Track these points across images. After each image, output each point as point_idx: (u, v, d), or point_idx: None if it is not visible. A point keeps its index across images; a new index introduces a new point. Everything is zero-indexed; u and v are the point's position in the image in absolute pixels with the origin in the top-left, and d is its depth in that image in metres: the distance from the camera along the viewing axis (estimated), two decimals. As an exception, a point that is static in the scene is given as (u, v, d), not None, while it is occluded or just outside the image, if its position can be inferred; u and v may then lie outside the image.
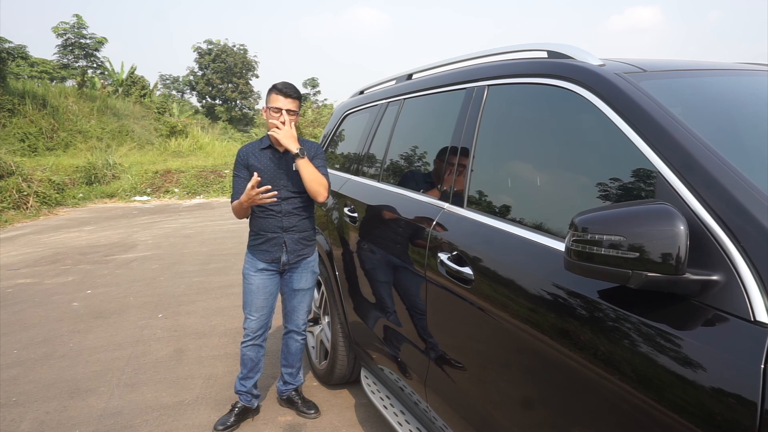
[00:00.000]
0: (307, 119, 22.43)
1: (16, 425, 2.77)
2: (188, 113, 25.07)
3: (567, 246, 1.13)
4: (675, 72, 1.61)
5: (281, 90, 2.51)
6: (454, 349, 1.79)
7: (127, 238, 7.99)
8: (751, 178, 1.08)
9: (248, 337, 2.67)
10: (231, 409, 2.75)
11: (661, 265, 0.99)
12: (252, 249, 2.64)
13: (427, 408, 1.97)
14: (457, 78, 2.17)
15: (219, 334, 4.02)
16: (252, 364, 2.72)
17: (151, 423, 2.77)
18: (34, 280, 5.63)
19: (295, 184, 2.57)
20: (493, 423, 1.57)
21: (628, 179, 1.31)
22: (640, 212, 1.04)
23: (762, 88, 1.67)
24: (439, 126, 2.28)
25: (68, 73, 23.53)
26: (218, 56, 32.30)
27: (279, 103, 2.50)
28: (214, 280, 5.52)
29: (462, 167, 1.91)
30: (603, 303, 1.18)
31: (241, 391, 2.74)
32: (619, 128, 1.34)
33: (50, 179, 11.58)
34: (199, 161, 15.22)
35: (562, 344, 1.26)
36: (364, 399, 2.98)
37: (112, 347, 3.79)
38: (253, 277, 2.62)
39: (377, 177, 2.69)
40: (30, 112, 16.01)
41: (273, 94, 2.52)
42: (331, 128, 3.67)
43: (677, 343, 1.01)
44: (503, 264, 1.55)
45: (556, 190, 1.59)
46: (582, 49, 1.64)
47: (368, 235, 2.56)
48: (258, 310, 2.64)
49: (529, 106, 1.77)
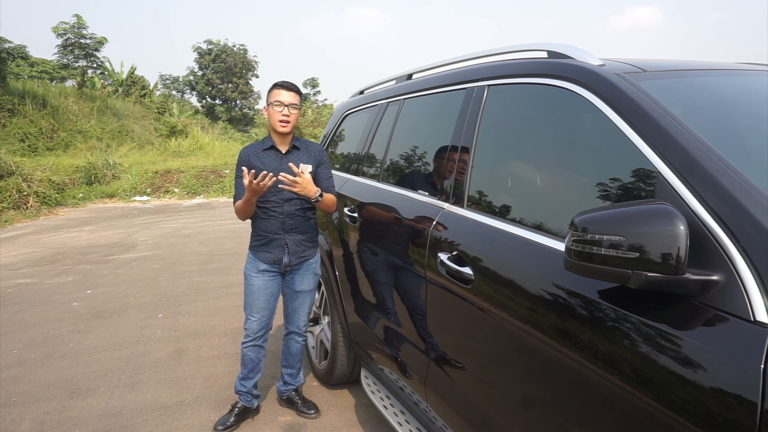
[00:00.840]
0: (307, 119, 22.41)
1: (16, 425, 2.77)
2: (188, 113, 25.07)
3: (567, 246, 1.13)
4: (675, 72, 1.61)
5: (282, 84, 2.55)
6: (454, 349, 1.78)
7: (127, 238, 7.99)
8: (751, 178, 1.08)
9: (249, 337, 2.67)
10: (231, 409, 2.75)
11: (661, 265, 0.99)
12: (254, 250, 2.63)
13: (427, 408, 1.97)
14: (457, 78, 2.17)
15: (219, 334, 4.02)
16: (252, 365, 2.71)
17: (151, 423, 2.77)
18: (34, 280, 5.63)
19: None
20: (493, 423, 1.57)
21: (628, 179, 1.31)
22: (640, 212, 1.04)
23: (762, 88, 1.67)
24: (439, 126, 2.28)
25: (68, 73, 23.53)
26: (218, 56, 32.30)
27: (281, 96, 2.51)
28: (214, 280, 5.52)
29: (462, 167, 1.91)
30: (603, 303, 1.18)
31: (242, 391, 2.74)
32: (619, 128, 1.34)
33: (50, 179, 11.58)
34: (199, 161, 15.22)
35: (562, 344, 1.26)
36: (364, 399, 2.98)
37: (112, 347, 3.79)
38: (254, 278, 2.61)
39: (377, 177, 2.69)
40: (30, 112, 16.02)
41: (274, 89, 2.54)
42: (331, 128, 3.67)
43: (677, 343, 1.01)
44: (503, 264, 1.55)
45: (556, 190, 1.59)
46: (582, 49, 1.64)
47: (368, 235, 2.56)
48: (259, 311, 2.63)
49: (529, 106, 1.77)
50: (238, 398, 2.77)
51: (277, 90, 2.53)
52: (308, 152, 2.63)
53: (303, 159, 2.59)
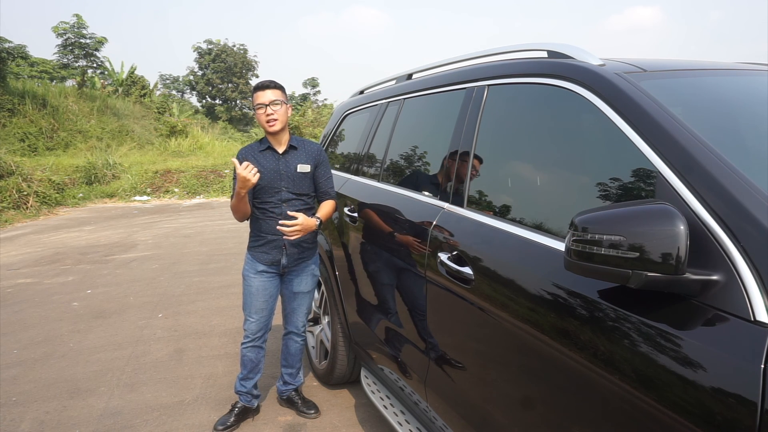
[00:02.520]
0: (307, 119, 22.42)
1: (16, 425, 2.77)
2: (188, 113, 25.07)
3: (567, 246, 1.13)
4: (675, 72, 1.61)
5: (260, 86, 2.53)
6: (454, 349, 1.78)
7: (127, 237, 7.99)
8: (751, 178, 1.08)
9: (248, 338, 2.67)
10: (231, 409, 2.75)
11: (661, 265, 0.99)
12: (252, 251, 2.63)
13: (427, 408, 1.97)
14: (457, 78, 2.17)
15: (219, 333, 4.02)
16: (252, 365, 2.71)
17: (151, 423, 2.77)
18: (34, 280, 5.63)
19: (296, 185, 2.56)
20: (493, 423, 1.57)
21: (628, 179, 1.31)
22: (640, 212, 1.04)
23: (762, 88, 1.67)
24: (439, 126, 2.28)
25: (68, 73, 23.53)
26: (218, 56, 32.32)
27: (261, 98, 2.49)
28: (214, 279, 5.52)
29: (462, 167, 1.91)
30: (603, 303, 1.18)
31: (241, 391, 2.74)
32: (619, 128, 1.34)
33: (50, 179, 11.58)
34: (199, 161, 15.22)
35: (562, 344, 1.26)
36: (364, 399, 2.98)
37: (112, 347, 3.79)
38: (252, 279, 2.61)
39: (377, 177, 2.69)
40: (30, 112, 16.01)
41: (254, 93, 2.53)
42: (331, 128, 3.67)
43: (677, 343, 1.01)
44: (503, 264, 1.55)
45: (556, 189, 1.59)
46: (582, 49, 1.64)
47: (368, 235, 2.55)
48: (258, 311, 2.63)
49: (529, 106, 1.77)
50: (238, 398, 2.77)
51: (256, 93, 2.52)
52: (306, 152, 2.62)
53: (301, 159, 2.58)
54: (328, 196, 2.67)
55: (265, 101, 2.48)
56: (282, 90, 2.57)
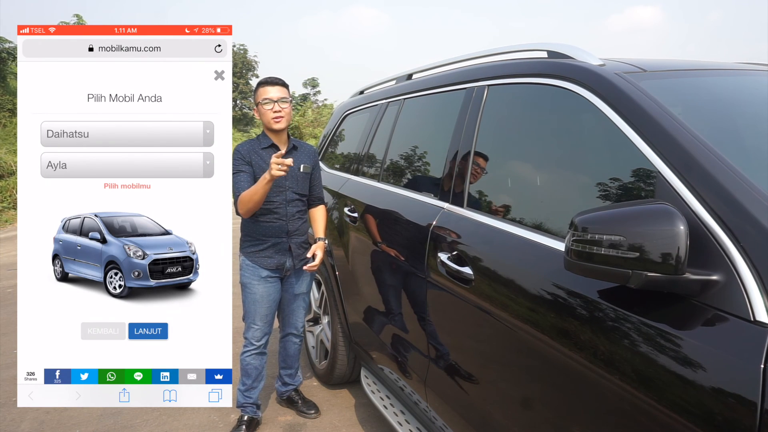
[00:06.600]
0: (307, 119, 22.44)
1: (16, 425, 2.77)
2: (188, 113, 25.04)
3: (567, 246, 1.14)
4: (675, 72, 1.61)
5: (268, 81, 2.47)
6: (454, 349, 1.79)
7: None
8: (751, 178, 1.08)
9: (252, 345, 2.60)
10: (238, 425, 2.61)
11: (661, 265, 0.99)
12: (252, 256, 2.54)
13: (427, 408, 1.97)
14: (457, 78, 2.17)
15: (219, 334, 4.01)
16: (256, 373, 2.63)
17: (151, 423, 2.77)
18: (34, 280, 5.62)
19: (299, 185, 2.52)
20: (493, 423, 1.57)
21: (628, 179, 1.32)
22: (640, 212, 1.05)
23: (762, 88, 1.67)
24: (439, 126, 2.28)
25: (68, 73, 23.51)
26: (218, 56, 32.29)
27: (269, 93, 2.42)
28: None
29: (462, 167, 1.91)
30: (603, 303, 1.18)
31: (246, 403, 2.63)
32: (619, 128, 1.34)
33: (50, 179, 11.58)
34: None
35: (562, 344, 1.26)
36: (364, 399, 2.98)
37: (112, 347, 3.78)
38: (256, 286, 2.53)
39: (377, 177, 2.69)
40: (30, 112, 16.01)
41: (261, 88, 2.46)
42: (331, 128, 3.67)
43: (677, 343, 1.01)
44: (503, 264, 1.55)
45: (556, 190, 1.60)
46: (582, 49, 1.65)
47: (368, 235, 2.55)
48: (263, 318, 2.57)
49: (529, 106, 1.77)
50: (241, 412, 2.64)
51: (263, 88, 2.45)
52: (306, 153, 2.60)
53: (303, 159, 2.56)
54: (320, 201, 2.66)
55: (274, 97, 2.42)
56: (288, 89, 2.54)
